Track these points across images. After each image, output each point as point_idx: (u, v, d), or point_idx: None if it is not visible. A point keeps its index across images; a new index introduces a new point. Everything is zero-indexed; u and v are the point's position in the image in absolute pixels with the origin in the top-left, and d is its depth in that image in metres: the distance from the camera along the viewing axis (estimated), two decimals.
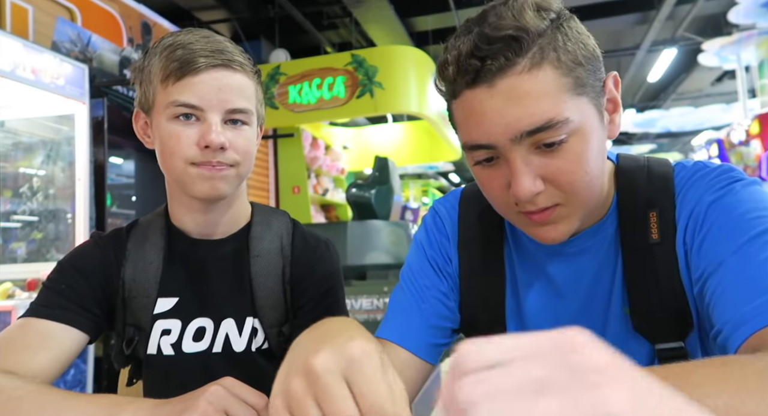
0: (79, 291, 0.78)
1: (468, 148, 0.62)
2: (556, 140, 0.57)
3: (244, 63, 0.77)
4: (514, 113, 0.57)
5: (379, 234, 3.39)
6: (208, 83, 0.74)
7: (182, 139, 0.74)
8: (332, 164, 6.33)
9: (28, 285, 2.43)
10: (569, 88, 0.58)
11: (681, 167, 0.69)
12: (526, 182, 0.58)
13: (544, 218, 0.62)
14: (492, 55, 0.56)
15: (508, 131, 0.57)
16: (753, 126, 5.44)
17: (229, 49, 0.76)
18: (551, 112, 0.56)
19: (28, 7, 3.09)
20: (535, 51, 0.56)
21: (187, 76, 0.73)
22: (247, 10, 5.56)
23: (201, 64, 0.73)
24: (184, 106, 0.74)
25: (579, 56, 0.58)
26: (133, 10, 3.98)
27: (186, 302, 0.83)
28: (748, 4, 5.07)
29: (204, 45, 0.74)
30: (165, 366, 0.81)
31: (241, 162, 0.78)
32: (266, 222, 0.88)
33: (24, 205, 2.87)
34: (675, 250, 0.65)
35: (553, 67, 0.57)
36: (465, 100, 0.60)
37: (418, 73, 5.19)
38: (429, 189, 13.68)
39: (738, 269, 0.55)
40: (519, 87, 0.56)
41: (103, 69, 3.56)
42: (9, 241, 2.84)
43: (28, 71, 2.46)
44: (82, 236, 2.80)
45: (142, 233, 0.86)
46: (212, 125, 0.74)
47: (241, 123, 0.77)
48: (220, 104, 0.74)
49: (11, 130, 2.89)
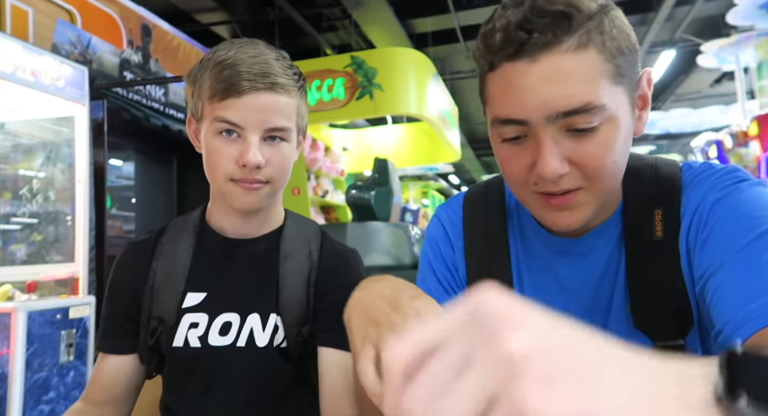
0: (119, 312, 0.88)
1: (498, 122, 0.61)
2: (588, 126, 0.57)
3: (287, 84, 0.81)
4: (554, 91, 0.56)
5: (378, 236, 3.39)
6: (250, 105, 0.78)
7: (223, 155, 0.80)
8: (332, 166, 6.33)
9: (28, 287, 2.43)
10: (609, 75, 0.58)
11: (688, 167, 0.69)
12: (553, 162, 0.58)
13: (563, 202, 0.62)
14: (541, 29, 0.55)
15: (544, 109, 0.57)
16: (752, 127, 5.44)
17: (273, 71, 0.80)
18: (590, 95, 0.56)
19: (28, 9, 3.10)
20: (582, 32, 0.56)
21: (230, 97, 0.78)
22: (247, 13, 5.57)
23: (244, 87, 0.77)
24: (226, 122, 0.79)
25: (622, 45, 0.59)
26: (133, 12, 3.98)
27: (214, 297, 0.86)
28: (746, 6, 5.08)
29: (250, 66, 0.78)
30: (190, 358, 0.85)
31: (276, 178, 0.83)
32: (297, 227, 0.93)
33: (24, 207, 2.87)
34: (678, 247, 0.65)
35: (597, 51, 0.57)
36: (504, 72, 0.59)
37: (417, 74, 5.19)
38: (429, 191, 13.68)
39: (740, 269, 0.55)
40: (562, 66, 0.56)
41: (103, 71, 3.56)
42: (9, 243, 2.83)
43: (28, 73, 2.46)
44: (82, 238, 2.80)
45: (177, 230, 0.91)
46: (250, 145, 0.79)
47: (279, 139, 0.82)
48: (259, 124, 0.79)
49: (11, 132, 2.89)
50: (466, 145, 12.03)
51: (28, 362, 2.09)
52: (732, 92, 6.77)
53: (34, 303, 2.21)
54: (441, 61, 7.35)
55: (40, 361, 2.14)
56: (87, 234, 2.81)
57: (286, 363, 0.85)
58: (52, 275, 2.53)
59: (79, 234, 2.80)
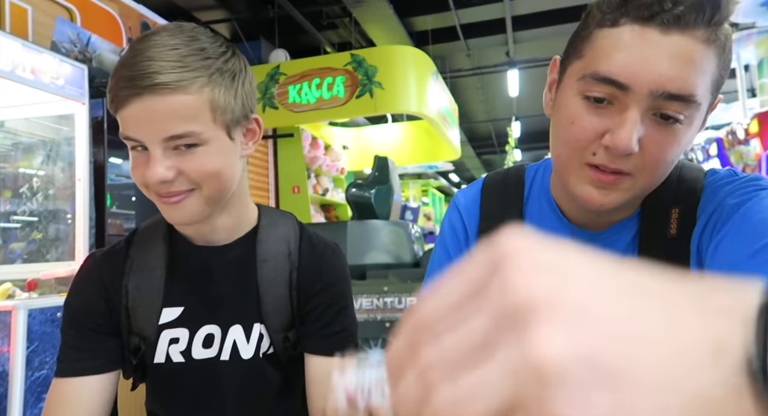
0: (86, 334, 0.79)
1: (593, 78, 0.59)
2: (676, 116, 0.57)
3: (181, 80, 0.68)
4: (672, 69, 0.56)
5: (378, 234, 3.39)
6: (136, 116, 0.68)
7: (135, 170, 0.72)
8: (332, 164, 6.33)
9: (28, 285, 2.43)
10: (712, 82, 0.58)
11: (713, 173, 0.70)
12: (631, 134, 0.57)
13: (610, 181, 0.61)
14: (689, 5, 0.55)
15: (656, 82, 0.56)
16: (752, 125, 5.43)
17: (159, 68, 0.67)
18: (698, 89, 0.56)
19: (27, 7, 3.09)
20: (715, 29, 0.56)
21: (118, 111, 0.69)
22: (247, 11, 5.56)
23: (122, 95, 0.68)
24: (127, 139, 0.71)
25: (729, 61, 0.59)
26: (133, 10, 3.98)
27: (191, 311, 0.81)
28: (747, 3, 5.07)
29: (132, 67, 0.67)
30: (174, 373, 0.81)
31: (201, 184, 0.72)
32: (273, 226, 0.85)
33: (24, 205, 2.87)
34: (689, 246, 0.65)
35: (716, 54, 0.57)
36: (629, 31, 0.57)
37: (417, 73, 5.19)
38: (429, 189, 13.68)
39: (751, 274, 0.55)
40: (690, 50, 0.56)
41: (103, 69, 3.56)
42: (9, 241, 2.83)
43: (27, 71, 2.46)
44: (82, 237, 2.80)
45: (145, 240, 0.83)
46: (151, 160, 0.69)
47: (190, 146, 0.71)
48: (155, 135, 0.69)
49: (11, 130, 2.89)
50: (466, 143, 12.02)
51: (28, 360, 2.09)
52: (733, 90, 6.76)
53: (34, 301, 2.21)
54: (441, 59, 7.33)
55: (41, 359, 2.14)
56: (87, 232, 2.81)
57: (274, 369, 0.82)
58: (53, 273, 2.53)
59: (79, 232, 2.80)
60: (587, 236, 0.72)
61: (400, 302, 2.92)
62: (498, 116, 11.01)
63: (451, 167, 11.56)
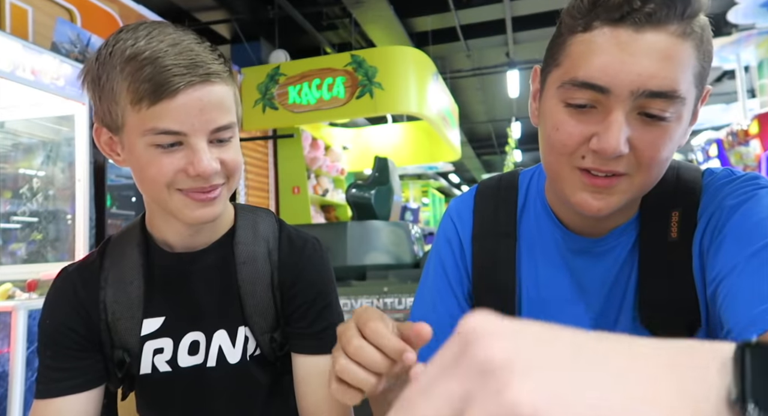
0: (65, 353, 0.76)
1: (573, 84, 0.59)
2: (661, 115, 0.57)
3: (220, 71, 0.68)
4: (650, 67, 0.55)
5: (378, 234, 3.38)
6: (188, 105, 0.65)
7: (165, 167, 0.67)
8: (332, 165, 6.33)
9: (28, 286, 2.43)
10: (694, 74, 0.58)
11: (710, 173, 0.69)
12: (618, 138, 0.57)
13: (605, 185, 0.61)
14: (659, 2, 0.55)
15: (635, 82, 0.56)
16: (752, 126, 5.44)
17: (200, 58, 0.66)
18: (680, 84, 0.56)
19: (27, 7, 3.09)
20: (689, 21, 0.56)
21: (163, 99, 0.64)
22: (247, 11, 5.56)
23: (178, 85, 0.64)
24: (166, 133, 0.66)
25: (710, 52, 0.59)
26: (133, 11, 3.98)
27: (173, 319, 0.79)
28: (747, 4, 5.07)
29: (175, 58, 0.64)
30: (162, 382, 0.79)
31: (231, 177, 0.73)
32: (251, 226, 0.83)
33: (24, 206, 2.87)
34: (691, 249, 0.65)
35: (694, 46, 0.57)
36: (602, 35, 0.57)
37: (417, 73, 5.19)
38: (429, 189, 13.68)
39: (752, 273, 0.55)
40: (665, 46, 0.55)
41: None
42: (9, 242, 2.83)
43: (27, 72, 2.46)
44: (82, 237, 2.80)
45: (119, 250, 0.80)
46: (200, 152, 0.67)
47: (225, 140, 0.70)
48: (204, 126, 0.67)
49: (11, 131, 2.89)
50: (466, 143, 12.03)
51: (28, 360, 2.09)
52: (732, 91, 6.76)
53: (34, 302, 2.21)
54: (441, 59, 7.34)
55: None
56: (87, 233, 2.81)
57: (263, 371, 0.81)
58: (53, 273, 2.53)
59: (79, 233, 2.81)
60: (586, 242, 0.71)
61: (400, 303, 2.91)
62: (498, 116, 11.01)
63: (451, 168, 11.56)
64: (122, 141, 0.70)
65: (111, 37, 0.68)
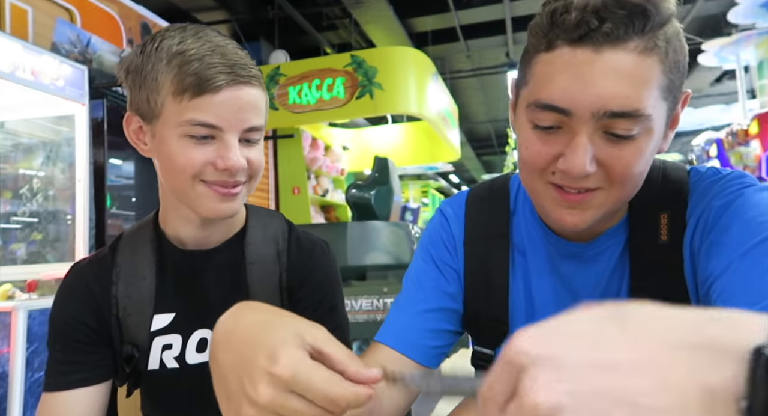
0: (74, 347, 0.77)
1: (537, 106, 0.59)
2: (627, 134, 0.56)
3: (259, 76, 0.74)
4: (610, 88, 0.54)
5: (378, 235, 3.38)
6: (228, 103, 0.69)
7: (195, 158, 0.70)
8: (332, 165, 6.33)
9: (28, 286, 2.43)
10: (661, 88, 0.56)
11: (696, 172, 0.69)
12: (584, 160, 0.57)
13: (578, 200, 0.61)
14: (616, 20, 0.53)
15: (596, 104, 0.55)
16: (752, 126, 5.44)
17: (243, 62, 0.71)
18: (642, 102, 0.55)
19: (27, 8, 3.09)
20: (652, 35, 0.54)
21: (206, 93, 0.68)
22: (247, 12, 5.57)
23: (222, 82, 0.68)
24: (202, 125, 0.69)
25: (680, 61, 0.57)
26: (133, 11, 3.98)
27: (183, 316, 0.80)
28: (747, 5, 5.07)
29: (220, 58, 0.69)
30: (169, 379, 0.80)
31: (254, 177, 0.76)
32: (261, 227, 0.85)
33: (24, 206, 2.87)
34: (682, 251, 0.65)
35: (659, 60, 0.55)
36: (561, 55, 0.56)
37: (417, 74, 5.19)
38: (429, 190, 13.68)
39: (744, 273, 0.55)
40: (625, 64, 0.54)
41: (103, 70, 3.56)
42: (9, 242, 2.83)
43: (27, 73, 2.46)
44: (82, 237, 2.80)
45: (131, 246, 0.82)
46: (231, 147, 0.71)
47: (253, 141, 0.75)
48: (238, 124, 0.71)
49: (11, 131, 2.89)
50: (466, 144, 12.02)
51: (28, 361, 2.09)
52: (733, 91, 6.77)
53: (34, 302, 2.21)
54: (441, 60, 7.34)
55: (41, 360, 2.14)
56: (87, 233, 2.81)
57: None
58: (53, 274, 2.53)
59: (79, 233, 2.81)
60: (576, 248, 0.71)
61: None
62: (498, 116, 11.01)
63: (451, 168, 11.56)
64: (153, 130, 0.73)
65: (157, 34, 0.72)
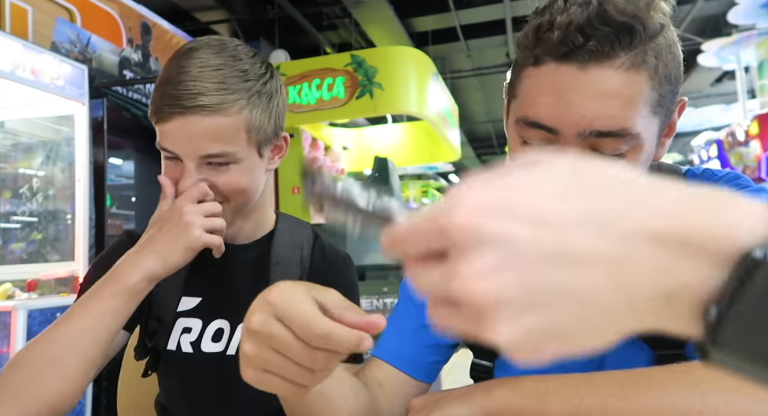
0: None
1: (525, 123, 0.58)
2: (615, 153, 0.55)
3: (223, 102, 0.71)
4: (597, 108, 0.53)
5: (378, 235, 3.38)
6: (177, 131, 0.71)
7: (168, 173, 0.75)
8: (332, 165, 6.33)
9: (28, 286, 2.43)
10: (651, 104, 0.55)
11: (691, 174, 0.69)
12: None
13: None
14: (600, 37, 0.52)
15: (581, 124, 0.54)
16: (752, 126, 5.44)
17: (204, 89, 0.70)
18: (629, 121, 0.53)
19: (27, 7, 3.09)
20: (639, 51, 0.53)
21: (159, 122, 0.73)
22: (247, 11, 5.57)
23: (164, 113, 0.71)
24: (163, 149, 0.74)
25: (672, 74, 0.56)
26: (133, 11, 3.98)
27: (208, 303, 0.84)
28: (747, 5, 5.07)
29: (177, 85, 0.70)
30: (183, 362, 0.83)
31: (231, 198, 0.76)
32: (288, 231, 0.89)
33: (24, 206, 2.87)
34: None
35: (648, 77, 0.54)
36: (548, 72, 0.55)
37: (417, 73, 5.19)
38: (429, 190, 13.67)
39: None
40: (611, 82, 0.53)
41: (103, 70, 3.56)
42: (9, 242, 2.83)
43: (27, 72, 2.46)
44: (82, 237, 2.80)
45: None
46: (186, 172, 0.73)
47: (222, 164, 0.74)
48: (192, 152, 0.72)
49: (11, 130, 2.89)
50: (466, 144, 12.02)
51: None
52: (733, 91, 6.77)
53: (34, 302, 2.21)
54: (441, 60, 7.34)
55: None
56: (87, 233, 2.81)
57: None
58: (52, 273, 2.53)
59: (78, 233, 2.80)
60: None
61: None
62: (498, 117, 11.01)
63: (451, 168, 11.55)
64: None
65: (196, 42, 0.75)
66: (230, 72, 0.72)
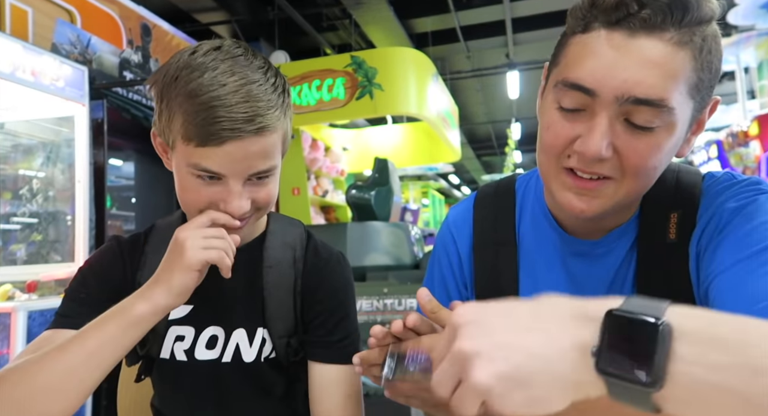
0: (99, 298, 0.78)
1: (564, 85, 0.59)
2: (648, 125, 0.56)
3: (274, 119, 0.69)
4: (638, 74, 0.54)
5: (378, 235, 3.38)
6: (232, 153, 0.67)
7: (200, 198, 0.71)
8: (332, 166, 6.33)
9: (28, 287, 2.43)
10: (690, 85, 0.56)
11: (710, 176, 0.69)
12: (600, 143, 0.57)
13: (589, 187, 0.61)
14: (656, 7, 0.54)
15: (621, 88, 0.55)
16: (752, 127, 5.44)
17: (259, 110, 0.67)
18: (667, 93, 0.55)
19: (27, 9, 3.10)
20: (688, 30, 0.55)
21: (209, 145, 0.67)
22: (247, 12, 5.57)
23: (225, 137, 0.66)
24: (206, 171, 0.69)
25: (713, 63, 0.57)
26: (133, 12, 3.98)
27: (200, 310, 0.82)
28: (747, 6, 5.07)
29: (230, 108, 0.65)
30: (177, 370, 0.82)
31: (263, 208, 0.76)
32: (280, 233, 0.87)
33: (24, 207, 2.87)
34: (689, 250, 0.65)
35: (691, 57, 0.55)
36: (597, 37, 0.57)
37: (417, 74, 5.19)
38: (429, 190, 13.67)
39: (742, 276, 0.55)
40: (657, 53, 0.54)
41: (103, 71, 3.56)
42: (9, 243, 2.83)
43: (27, 73, 2.46)
44: (82, 238, 2.80)
45: (161, 237, 0.84)
46: (233, 194, 0.70)
47: (263, 178, 0.73)
48: (243, 171, 0.70)
49: (11, 132, 2.89)
50: (466, 144, 12.03)
51: None
52: (732, 92, 6.76)
53: (34, 303, 2.21)
54: (441, 60, 7.34)
55: None
56: (87, 234, 2.81)
57: (276, 373, 0.83)
58: (52, 275, 2.53)
59: (79, 234, 2.80)
60: (586, 245, 0.71)
61: (399, 304, 2.91)
62: (498, 117, 11.02)
63: (451, 169, 11.56)
64: (171, 154, 0.74)
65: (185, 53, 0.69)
66: (268, 87, 0.70)
